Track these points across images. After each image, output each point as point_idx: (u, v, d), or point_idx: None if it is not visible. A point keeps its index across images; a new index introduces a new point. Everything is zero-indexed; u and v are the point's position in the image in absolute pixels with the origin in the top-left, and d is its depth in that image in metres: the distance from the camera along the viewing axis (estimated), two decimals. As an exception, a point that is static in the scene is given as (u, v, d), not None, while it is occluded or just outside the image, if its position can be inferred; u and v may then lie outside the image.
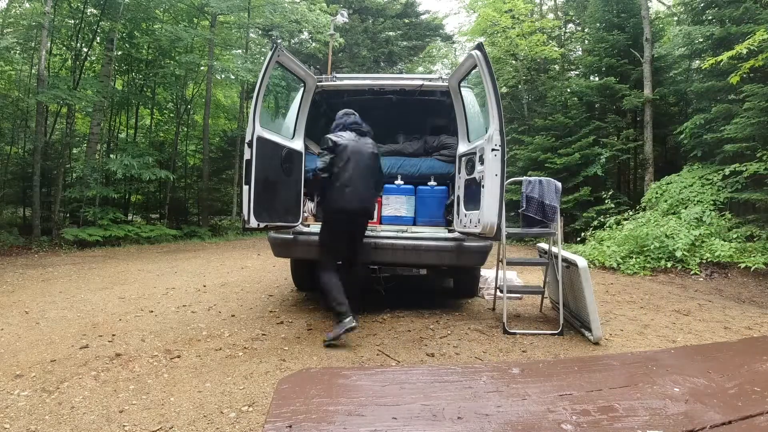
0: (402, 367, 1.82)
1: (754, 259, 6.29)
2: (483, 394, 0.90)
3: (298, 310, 4.26)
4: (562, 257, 3.71)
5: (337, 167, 3.46)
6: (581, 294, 3.43)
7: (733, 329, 3.99)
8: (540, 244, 4.73)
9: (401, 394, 0.89)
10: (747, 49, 6.58)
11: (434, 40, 22.79)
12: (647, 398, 0.88)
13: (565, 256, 3.68)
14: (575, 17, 15.76)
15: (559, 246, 3.88)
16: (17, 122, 11.65)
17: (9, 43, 9.33)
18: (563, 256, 3.71)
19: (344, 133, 3.60)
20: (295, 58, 4.03)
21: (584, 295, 3.37)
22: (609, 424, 0.79)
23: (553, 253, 3.80)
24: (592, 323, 3.34)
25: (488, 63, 3.31)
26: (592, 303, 3.34)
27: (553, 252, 3.80)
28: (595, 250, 8.00)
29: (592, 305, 3.34)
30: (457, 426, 0.78)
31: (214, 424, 2.13)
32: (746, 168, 7.21)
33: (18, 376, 2.63)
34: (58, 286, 5.25)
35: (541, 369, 1.09)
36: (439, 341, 3.40)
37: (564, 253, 3.73)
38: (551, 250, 3.85)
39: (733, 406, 0.85)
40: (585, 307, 3.40)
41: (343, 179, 3.44)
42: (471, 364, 2.24)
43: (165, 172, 11.03)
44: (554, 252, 3.79)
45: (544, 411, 0.83)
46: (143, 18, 12.06)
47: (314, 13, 13.80)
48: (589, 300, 3.34)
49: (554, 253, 3.79)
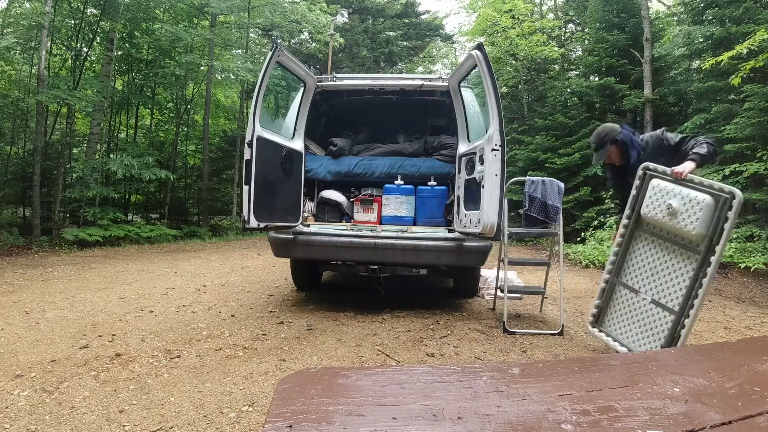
0: (402, 367, 1.82)
1: (754, 259, 6.29)
2: (483, 394, 0.90)
3: (298, 310, 4.26)
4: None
5: None
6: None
7: (733, 329, 3.99)
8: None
9: (401, 394, 0.89)
10: (747, 49, 6.57)
11: (434, 40, 22.79)
12: (647, 398, 0.88)
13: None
14: (575, 17, 15.75)
15: (560, 246, 3.88)
16: (17, 122, 11.66)
17: (9, 43, 9.31)
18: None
19: None
20: (295, 58, 4.04)
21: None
22: (609, 424, 0.79)
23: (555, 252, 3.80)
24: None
25: (488, 63, 3.31)
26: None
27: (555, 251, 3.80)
28: (595, 250, 7.99)
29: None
30: (457, 426, 0.77)
31: (214, 424, 2.13)
32: (746, 168, 7.21)
33: (18, 376, 2.63)
34: (58, 286, 5.25)
35: (541, 369, 1.09)
36: (439, 341, 3.40)
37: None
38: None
39: (733, 406, 0.85)
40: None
41: None
42: (471, 364, 2.24)
43: (165, 172, 11.03)
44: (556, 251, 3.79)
45: (544, 411, 0.82)
46: (143, 18, 12.06)
47: (314, 13, 13.80)
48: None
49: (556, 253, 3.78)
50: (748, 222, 7.48)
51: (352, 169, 4.86)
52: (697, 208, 2.49)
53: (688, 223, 2.52)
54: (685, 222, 2.54)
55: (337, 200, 4.90)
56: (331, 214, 4.93)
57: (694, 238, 2.52)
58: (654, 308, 2.73)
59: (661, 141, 3.02)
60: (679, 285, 2.62)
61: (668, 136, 3.01)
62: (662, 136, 3.04)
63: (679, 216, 2.56)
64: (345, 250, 3.89)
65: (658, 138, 3.06)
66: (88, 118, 12.07)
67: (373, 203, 4.79)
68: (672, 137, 2.99)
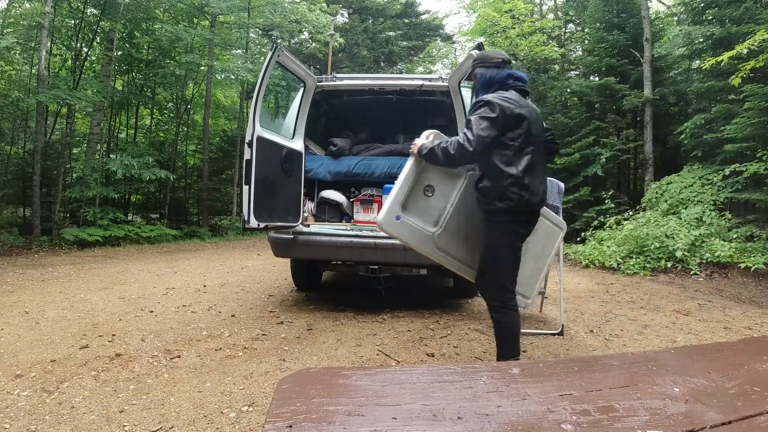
0: (402, 367, 1.82)
1: (754, 259, 6.30)
2: (483, 394, 0.90)
3: (298, 310, 4.26)
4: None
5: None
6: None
7: (733, 329, 4.00)
8: None
9: (401, 394, 0.89)
10: (747, 49, 6.57)
11: (434, 40, 22.80)
12: (647, 398, 0.88)
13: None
14: (575, 17, 15.75)
15: (560, 246, 3.88)
16: (17, 122, 11.66)
17: (9, 43, 9.31)
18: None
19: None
20: (295, 58, 4.04)
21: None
22: (609, 424, 0.79)
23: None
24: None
25: (488, 63, 3.30)
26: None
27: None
28: (595, 250, 8.00)
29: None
30: (457, 426, 0.77)
31: (214, 424, 2.13)
32: (746, 168, 7.21)
33: (18, 376, 2.63)
34: (58, 286, 5.25)
35: (541, 369, 1.09)
36: (439, 341, 3.40)
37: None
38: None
39: (733, 406, 0.85)
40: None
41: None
42: (471, 364, 2.24)
43: (165, 172, 11.02)
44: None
45: (544, 411, 0.82)
46: (143, 18, 12.06)
47: (314, 13, 13.81)
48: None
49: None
50: (748, 222, 7.49)
51: (352, 169, 4.86)
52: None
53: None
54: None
55: (337, 200, 4.90)
56: (331, 214, 4.92)
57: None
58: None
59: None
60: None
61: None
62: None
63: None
64: (345, 250, 3.89)
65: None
66: (88, 118, 12.07)
67: (373, 203, 4.79)
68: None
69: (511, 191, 2.26)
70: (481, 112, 2.28)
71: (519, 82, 2.44)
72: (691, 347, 1.51)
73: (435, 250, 2.49)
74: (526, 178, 2.28)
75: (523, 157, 2.29)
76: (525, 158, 2.29)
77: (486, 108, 2.28)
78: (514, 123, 2.29)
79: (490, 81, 2.45)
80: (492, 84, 2.44)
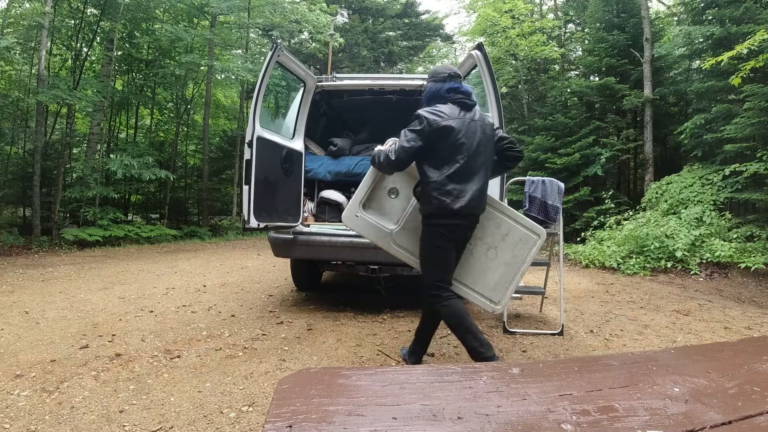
0: (402, 367, 1.82)
1: (754, 259, 6.29)
2: (483, 394, 0.90)
3: (298, 310, 4.26)
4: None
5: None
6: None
7: (733, 329, 4.00)
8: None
9: (401, 394, 0.89)
10: (747, 49, 6.57)
11: (434, 40, 22.79)
12: (647, 398, 0.88)
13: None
14: (575, 17, 15.75)
15: (560, 246, 3.88)
16: (17, 122, 11.64)
17: (9, 43, 9.30)
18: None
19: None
20: (295, 58, 4.04)
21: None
22: (609, 424, 0.79)
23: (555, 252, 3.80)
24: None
25: (488, 63, 3.31)
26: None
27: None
28: (595, 250, 8.00)
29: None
30: (457, 426, 0.77)
31: (214, 424, 2.13)
32: (746, 168, 7.21)
33: (18, 376, 2.63)
34: (58, 286, 5.25)
35: (541, 369, 1.09)
36: (439, 341, 3.40)
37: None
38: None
39: (733, 406, 0.85)
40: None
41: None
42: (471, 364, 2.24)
43: (165, 172, 11.02)
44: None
45: (544, 411, 0.82)
46: (143, 18, 12.06)
47: (314, 13, 13.80)
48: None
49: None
50: (748, 222, 7.49)
51: (352, 169, 4.86)
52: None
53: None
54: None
55: (337, 200, 4.90)
56: (331, 214, 4.92)
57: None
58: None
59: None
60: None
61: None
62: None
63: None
64: (345, 250, 3.89)
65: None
66: (88, 118, 12.06)
67: (373, 203, 4.78)
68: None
69: (432, 196, 2.49)
70: (411, 125, 2.54)
71: (458, 95, 2.61)
72: (691, 347, 1.51)
73: (391, 245, 2.79)
74: (450, 185, 2.47)
75: (451, 164, 2.49)
76: (454, 166, 2.49)
77: (416, 121, 2.53)
78: (441, 134, 2.49)
79: (433, 94, 2.65)
80: (434, 97, 2.64)
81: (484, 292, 2.82)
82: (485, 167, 2.59)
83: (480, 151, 2.55)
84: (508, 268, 2.83)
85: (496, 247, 2.77)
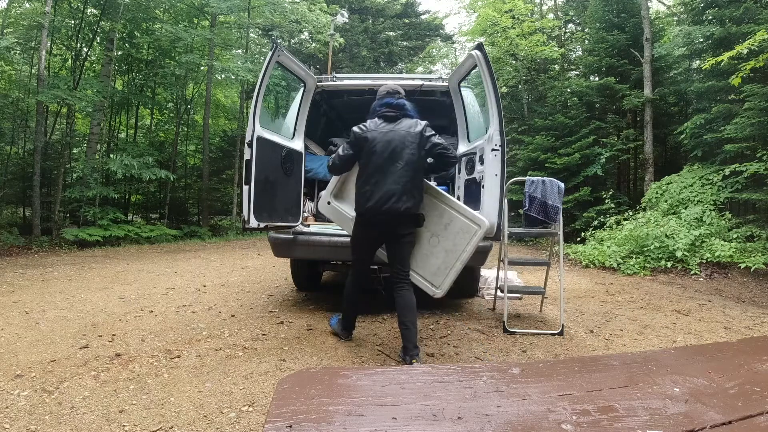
0: (402, 367, 1.82)
1: (754, 259, 6.30)
2: (483, 394, 0.90)
3: (298, 310, 4.26)
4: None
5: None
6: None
7: (733, 329, 4.00)
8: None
9: (401, 394, 0.89)
10: (747, 49, 6.57)
11: (434, 40, 22.81)
12: (647, 398, 0.88)
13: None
14: (575, 17, 15.77)
15: (560, 246, 3.88)
16: (17, 122, 11.65)
17: (9, 43, 9.32)
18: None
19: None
20: (295, 58, 4.03)
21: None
22: (609, 424, 0.79)
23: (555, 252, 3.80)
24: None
25: (488, 63, 3.31)
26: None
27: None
28: (595, 250, 8.00)
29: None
30: (457, 426, 0.77)
31: (214, 424, 2.13)
32: (746, 168, 7.21)
33: (18, 376, 2.63)
34: (58, 286, 5.25)
35: (541, 369, 1.09)
36: (439, 341, 3.40)
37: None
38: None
39: (733, 406, 0.85)
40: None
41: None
42: (471, 364, 2.24)
43: (165, 172, 11.03)
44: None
45: (545, 411, 0.82)
46: (143, 18, 12.06)
47: (314, 13, 13.82)
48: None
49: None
50: (748, 222, 7.49)
51: (352, 169, 4.85)
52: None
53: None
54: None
55: (337, 200, 4.89)
56: (331, 214, 4.91)
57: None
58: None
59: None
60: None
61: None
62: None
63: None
64: (345, 250, 3.88)
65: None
66: (88, 118, 12.07)
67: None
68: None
69: (356, 195, 2.98)
70: (348, 138, 3.06)
71: (385, 109, 3.02)
72: (691, 347, 1.51)
73: (351, 228, 3.18)
74: (365, 187, 2.90)
75: (365, 169, 2.93)
76: (365, 171, 2.92)
77: (351, 134, 3.04)
78: (362, 144, 2.96)
79: (371, 110, 3.13)
80: (371, 113, 3.11)
81: (426, 276, 3.13)
82: (402, 171, 2.87)
83: (394, 158, 2.87)
84: (449, 255, 3.04)
85: (439, 235, 3.07)
